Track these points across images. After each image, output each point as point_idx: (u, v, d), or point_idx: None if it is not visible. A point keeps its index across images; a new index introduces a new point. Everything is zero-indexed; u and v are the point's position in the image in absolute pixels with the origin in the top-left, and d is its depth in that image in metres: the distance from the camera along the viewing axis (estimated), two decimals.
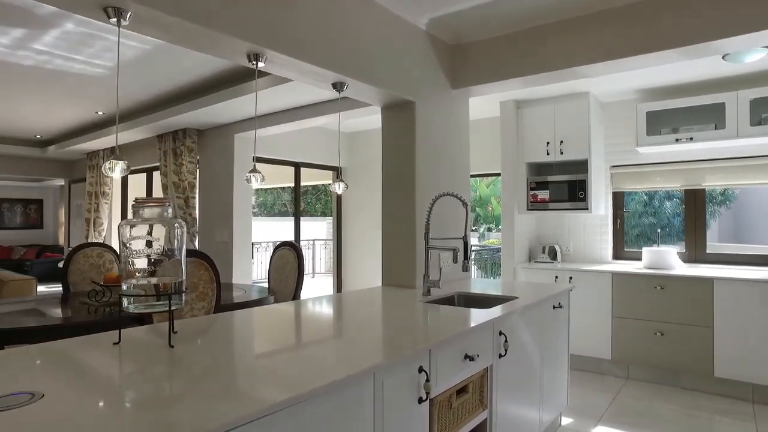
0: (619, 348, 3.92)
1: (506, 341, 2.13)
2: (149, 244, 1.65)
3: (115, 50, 3.53)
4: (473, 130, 5.03)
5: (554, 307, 2.76)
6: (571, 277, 4.14)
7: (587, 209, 4.20)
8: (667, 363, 3.71)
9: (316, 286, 10.93)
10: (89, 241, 7.00)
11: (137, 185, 7.00)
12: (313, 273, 13.37)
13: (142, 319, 2.50)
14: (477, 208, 18.09)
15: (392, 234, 2.99)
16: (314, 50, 2.27)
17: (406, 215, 2.93)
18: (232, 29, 1.92)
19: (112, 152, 6.89)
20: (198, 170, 5.56)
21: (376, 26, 2.63)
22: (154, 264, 1.66)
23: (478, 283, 3.04)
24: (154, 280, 1.64)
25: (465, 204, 2.61)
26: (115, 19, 1.68)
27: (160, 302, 1.61)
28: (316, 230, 16.15)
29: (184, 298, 1.72)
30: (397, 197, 2.98)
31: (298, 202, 6.20)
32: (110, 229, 7.17)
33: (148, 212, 1.66)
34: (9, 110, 5.38)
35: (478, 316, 2.06)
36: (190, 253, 2.67)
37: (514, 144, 4.54)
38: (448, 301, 2.65)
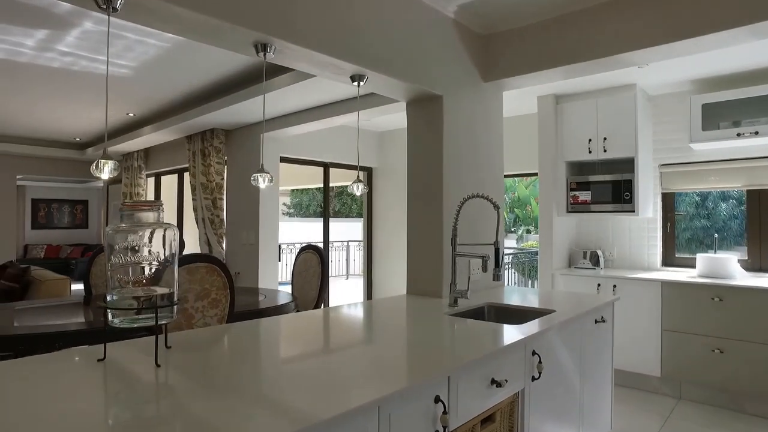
0: (670, 365, 3.57)
1: (540, 362, 1.88)
2: (138, 250, 1.50)
3: (137, 49, 3.46)
4: (509, 127, 4.75)
5: (596, 321, 2.48)
6: (615, 285, 3.81)
7: (633, 211, 3.86)
8: (726, 384, 3.33)
9: (349, 289, 10.81)
10: None
11: (170, 186, 7.04)
12: (347, 274, 13.28)
13: (151, 329, 2.38)
14: (515, 209, 17.59)
15: (417, 238, 2.78)
16: (328, 39, 2.08)
17: (431, 218, 2.71)
18: (235, 17, 1.76)
19: (146, 154, 6.95)
20: (226, 171, 5.50)
21: (399, 13, 2.43)
22: (144, 273, 1.51)
23: (512, 293, 2.79)
24: (141, 292, 1.50)
25: (496, 206, 2.37)
26: (105, 6, 1.53)
27: (148, 316, 1.46)
28: (352, 231, 16.05)
29: (175, 310, 1.57)
30: (422, 199, 2.76)
31: (327, 203, 6.06)
32: None
33: (137, 216, 1.51)
34: (44, 113, 5.47)
35: (508, 333, 1.82)
36: (202, 257, 2.53)
37: (552, 142, 4.24)
38: (477, 313, 2.42)
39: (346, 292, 10.24)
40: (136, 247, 1.50)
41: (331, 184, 6.11)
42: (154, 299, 1.46)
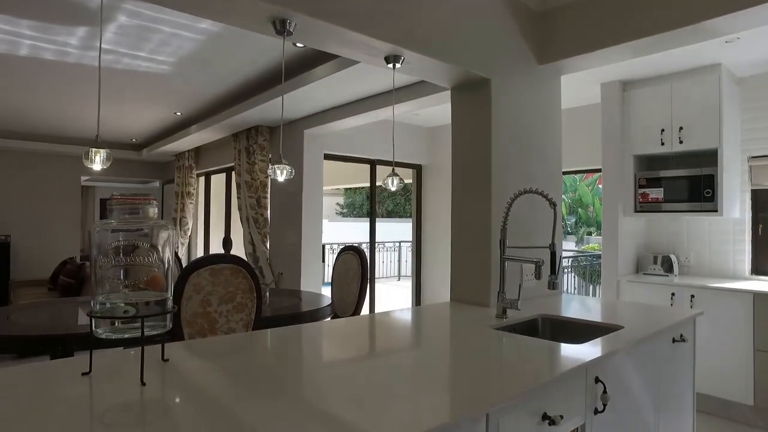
0: (765, 392, 3.06)
1: (605, 391, 1.54)
2: (127, 251, 1.32)
3: (172, 43, 3.37)
4: (569, 119, 4.34)
5: (675, 341, 2.08)
6: (693, 296, 3.33)
7: (716, 211, 3.36)
8: None
9: (398, 292, 10.56)
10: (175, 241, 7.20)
11: (218, 186, 7.07)
12: (399, 276, 13.05)
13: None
14: (579, 210, 16.69)
15: (461, 240, 2.49)
16: (358, 13, 1.84)
17: (478, 218, 2.40)
18: None
19: (196, 153, 7.01)
20: (269, 169, 5.40)
21: None
22: (134, 277, 1.33)
23: (571, 303, 2.43)
24: (133, 298, 1.31)
25: (553, 204, 2.03)
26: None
27: (134, 326, 1.27)
28: (405, 232, 15.80)
29: (169, 320, 1.37)
30: (468, 195, 2.46)
31: (374, 202, 5.84)
32: (195, 229, 7.32)
33: (127, 213, 1.33)
34: (96, 113, 5.59)
35: (566, 355, 1.50)
36: (227, 258, 2.36)
37: (618, 133, 3.80)
38: (529, 327, 2.09)
39: (395, 295, 10.00)
40: (128, 247, 1.32)
41: (379, 183, 5.89)
42: (145, 306, 1.27)
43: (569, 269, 8.65)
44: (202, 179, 7.31)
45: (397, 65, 2.14)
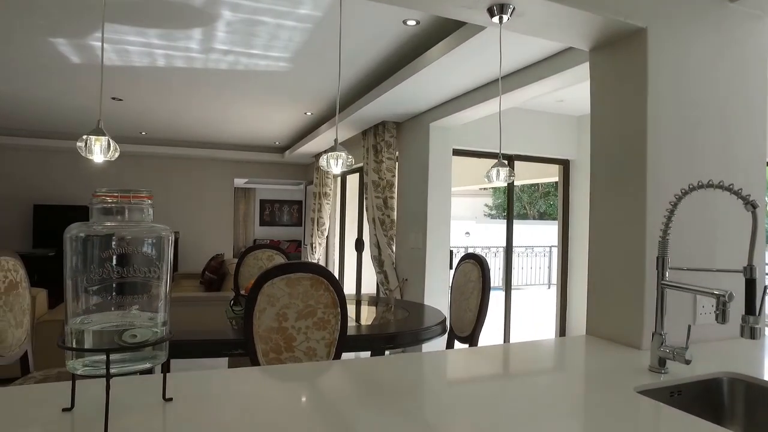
0: None
1: None
2: (111, 262, 1.02)
3: (282, 36, 3.21)
4: None
5: None
6: None
7: None
8: None
9: (544, 301, 9.53)
10: (312, 241, 7.33)
11: (353, 186, 7.01)
12: (549, 284, 11.92)
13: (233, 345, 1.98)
14: None
15: (602, 253, 1.82)
16: None
17: (626, 223, 1.72)
18: None
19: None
20: (397, 167, 5.09)
21: None
22: (120, 293, 1.03)
23: None
24: (118, 320, 1.01)
25: (751, 205, 1.29)
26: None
27: (124, 356, 0.98)
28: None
29: (166, 349, 1.05)
30: (612, 194, 1.79)
31: (511, 202, 5.18)
32: (332, 229, 7.38)
33: (113, 213, 1.04)
34: (238, 118, 5.86)
35: None
36: (307, 266, 2.04)
37: None
38: (704, 393, 1.38)
39: (540, 305, 9.04)
40: (112, 256, 1.03)
41: (523, 182, 5.23)
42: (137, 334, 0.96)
43: None
44: (339, 180, 7.34)
45: (505, 18, 1.59)
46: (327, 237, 7.34)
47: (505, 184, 1.98)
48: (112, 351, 0.94)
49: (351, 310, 3.49)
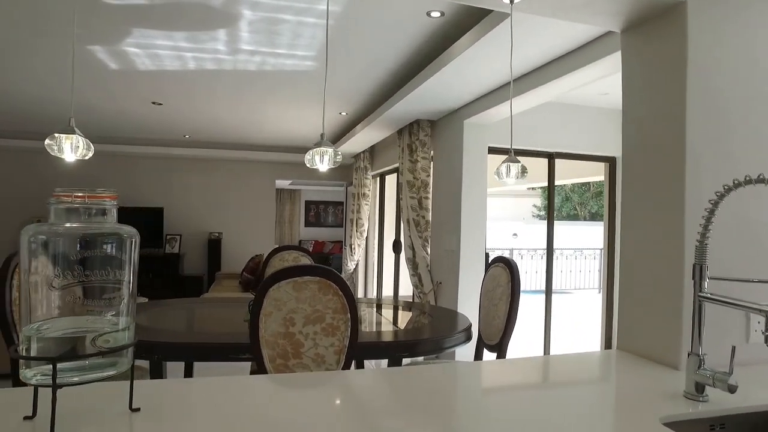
0: None
1: None
2: (72, 264, 0.96)
3: (304, 33, 3.15)
4: None
5: None
6: None
7: None
8: None
9: (590, 306, 9.06)
10: (351, 243, 7.29)
11: (391, 187, 6.90)
12: (599, 288, 11.37)
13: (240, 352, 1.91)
14: None
15: (635, 257, 1.63)
16: None
17: (659, 225, 1.53)
18: None
19: (371, 154, 6.97)
20: (432, 167, 4.95)
21: None
22: (80, 297, 0.97)
23: None
24: (64, 328, 0.96)
25: None
26: None
27: (85, 366, 0.92)
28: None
29: (131, 356, 0.99)
30: (643, 191, 1.60)
31: (552, 202, 4.94)
32: (371, 230, 7.31)
33: (77, 213, 0.98)
34: (272, 120, 5.88)
35: None
36: (315, 270, 1.95)
37: None
38: (753, 430, 1.18)
39: (587, 309, 8.61)
40: (72, 258, 0.97)
41: (563, 181, 4.97)
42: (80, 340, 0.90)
43: None
44: (377, 180, 7.26)
45: None
46: (366, 238, 7.27)
47: (515, 182, 1.81)
48: (59, 360, 0.88)
49: (389, 314, 3.39)
